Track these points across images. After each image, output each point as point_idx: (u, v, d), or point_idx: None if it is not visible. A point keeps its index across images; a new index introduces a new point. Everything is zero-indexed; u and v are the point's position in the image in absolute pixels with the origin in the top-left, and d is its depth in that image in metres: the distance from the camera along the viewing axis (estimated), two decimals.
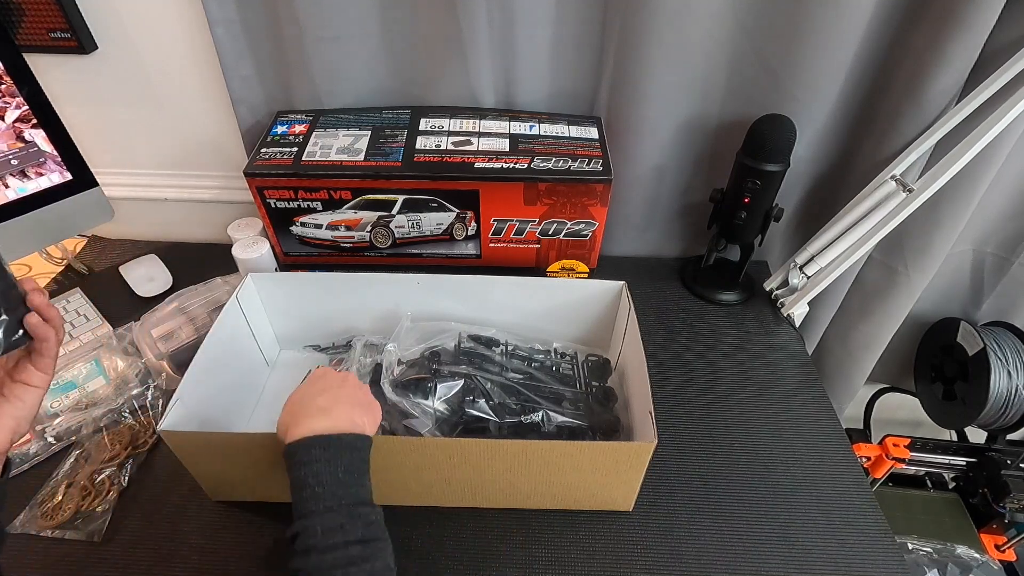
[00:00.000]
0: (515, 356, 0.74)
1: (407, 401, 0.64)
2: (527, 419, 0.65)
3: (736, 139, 0.80)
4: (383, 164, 0.79)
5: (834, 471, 0.70)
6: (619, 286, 0.74)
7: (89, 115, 0.89)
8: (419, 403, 0.64)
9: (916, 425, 1.22)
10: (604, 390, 0.72)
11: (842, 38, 0.72)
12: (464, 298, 0.75)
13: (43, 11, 0.76)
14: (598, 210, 0.83)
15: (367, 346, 0.75)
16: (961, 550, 0.96)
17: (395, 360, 0.69)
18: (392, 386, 0.65)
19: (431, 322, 0.75)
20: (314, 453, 0.48)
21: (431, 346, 0.73)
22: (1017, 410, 0.94)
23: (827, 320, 1.01)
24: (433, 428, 0.63)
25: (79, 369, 0.74)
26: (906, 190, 0.76)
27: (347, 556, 0.44)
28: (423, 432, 0.63)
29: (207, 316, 0.78)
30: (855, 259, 0.81)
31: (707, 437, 0.73)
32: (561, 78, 0.84)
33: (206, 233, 0.99)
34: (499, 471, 0.60)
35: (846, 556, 0.62)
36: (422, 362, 0.71)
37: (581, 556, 0.62)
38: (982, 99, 0.72)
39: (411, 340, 0.73)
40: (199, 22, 0.77)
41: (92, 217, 0.85)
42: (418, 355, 0.72)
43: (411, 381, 0.67)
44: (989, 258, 0.96)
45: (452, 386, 0.66)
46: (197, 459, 0.60)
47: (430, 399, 0.64)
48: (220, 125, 0.89)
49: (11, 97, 0.72)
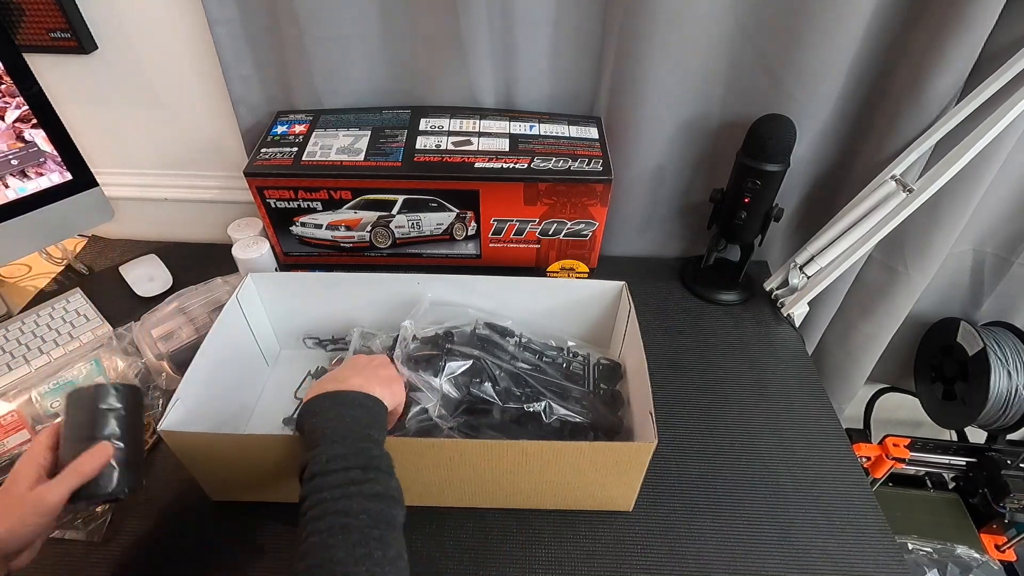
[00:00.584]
0: (528, 349, 0.75)
1: (416, 376, 0.65)
2: (530, 407, 0.66)
3: (736, 139, 0.80)
4: (383, 164, 0.79)
5: (834, 471, 0.70)
6: (619, 286, 0.74)
7: (89, 115, 0.89)
8: (428, 380, 0.65)
9: (916, 425, 1.22)
10: (612, 393, 0.72)
11: (842, 38, 0.72)
12: (464, 298, 0.75)
13: (43, 11, 0.76)
14: (598, 210, 0.83)
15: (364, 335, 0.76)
16: (961, 550, 0.96)
17: (410, 336, 0.70)
18: (404, 359, 0.66)
19: (450, 306, 0.75)
20: (323, 404, 0.51)
21: (447, 327, 0.74)
22: (1017, 410, 0.94)
23: (827, 320, 1.01)
24: (438, 404, 0.64)
25: (79, 369, 0.74)
26: (906, 190, 0.76)
27: (347, 478, 0.45)
28: (428, 407, 0.64)
29: (207, 316, 0.78)
30: (855, 259, 0.81)
31: (707, 437, 0.73)
32: (561, 78, 0.84)
33: (206, 233, 0.99)
34: (499, 471, 0.60)
35: (846, 556, 0.62)
36: (436, 340, 0.71)
37: (581, 556, 0.62)
38: (982, 99, 0.72)
39: (428, 320, 0.74)
40: (199, 22, 0.77)
41: (92, 217, 0.85)
42: (432, 333, 0.72)
43: (423, 356, 0.68)
44: (989, 258, 0.96)
45: (461, 365, 0.67)
46: (197, 459, 0.60)
47: (439, 376, 0.65)
48: (220, 125, 0.89)
49: (11, 97, 0.72)
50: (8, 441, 0.68)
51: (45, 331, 0.80)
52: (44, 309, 0.82)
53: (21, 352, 0.77)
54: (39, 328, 0.80)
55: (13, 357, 0.76)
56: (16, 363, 0.76)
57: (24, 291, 0.93)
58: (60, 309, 0.83)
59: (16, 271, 0.97)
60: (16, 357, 0.76)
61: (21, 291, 0.93)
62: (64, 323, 0.81)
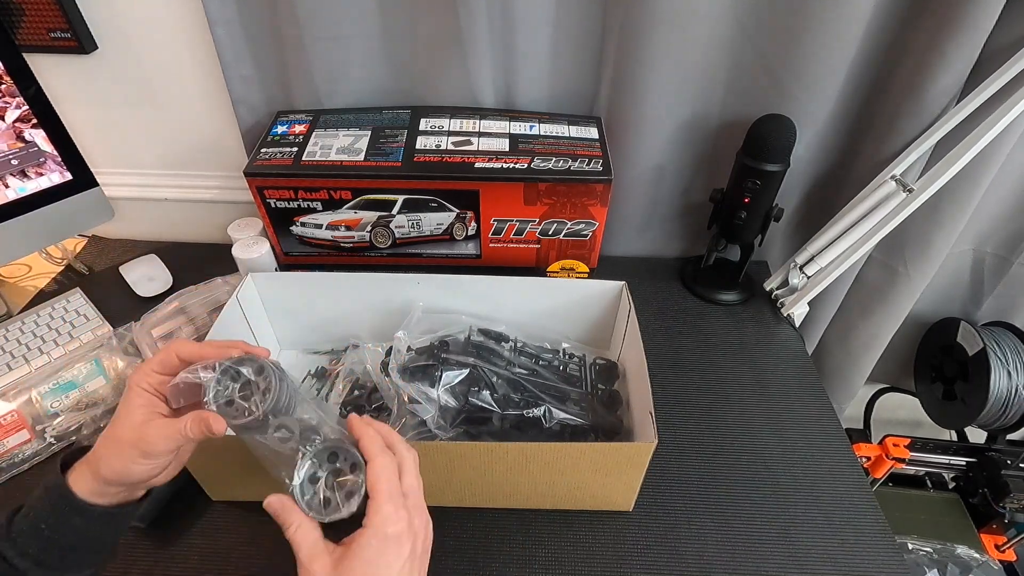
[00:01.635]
0: (523, 353, 0.75)
1: (413, 387, 0.64)
2: (529, 413, 0.66)
3: (736, 139, 0.80)
4: (383, 164, 0.79)
5: (834, 471, 0.70)
6: (619, 286, 0.74)
7: (89, 115, 0.89)
8: (425, 391, 0.64)
9: (916, 425, 1.22)
10: (610, 393, 0.72)
11: (842, 38, 0.72)
12: (463, 298, 0.75)
13: (43, 11, 0.76)
14: (598, 210, 0.83)
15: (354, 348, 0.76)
16: (961, 550, 0.96)
17: (404, 347, 0.70)
18: (399, 371, 0.66)
19: (443, 314, 0.75)
20: None
21: (441, 336, 0.73)
22: (1017, 410, 0.94)
23: (827, 320, 1.01)
24: (437, 415, 0.64)
25: (79, 369, 0.74)
26: (906, 190, 0.76)
27: None
28: (426, 419, 0.63)
29: (207, 316, 0.78)
30: (855, 259, 0.81)
31: (707, 437, 0.73)
32: (561, 78, 0.84)
33: (206, 233, 0.99)
34: (500, 472, 0.60)
35: (846, 556, 0.62)
36: (431, 350, 0.71)
37: (581, 556, 0.62)
38: (982, 99, 0.72)
39: (421, 329, 0.73)
40: (199, 22, 0.77)
41: (92, 217, 0.86)
42: (427, 343, 0.72)
43: (418, 368, 0.68)
44: (989, 258, 0.96)
45: (457, 375, 0.67)
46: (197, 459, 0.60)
47: (436, 387, 0.65)
48: (220, 125, 0.89)
49: (11, 97, 0.72)
50: (8, 441, 0.68)
51: (45, 331, 0.80)
52: (44, 309, 0.82)
53: (21, 352, 0.77)
54: (39, 328, 0.80)
55: (13, 357, 0.76)
56: (16, 363, 0.76)
57: (24, 291, 0.93)
58: (60, 309, 0.83)
59: (16, 271, 0.97)
60: (16, 357, 0.76)
61: (21, 291, 0.93)
62: (64, 323, 0.81)
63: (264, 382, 0.45)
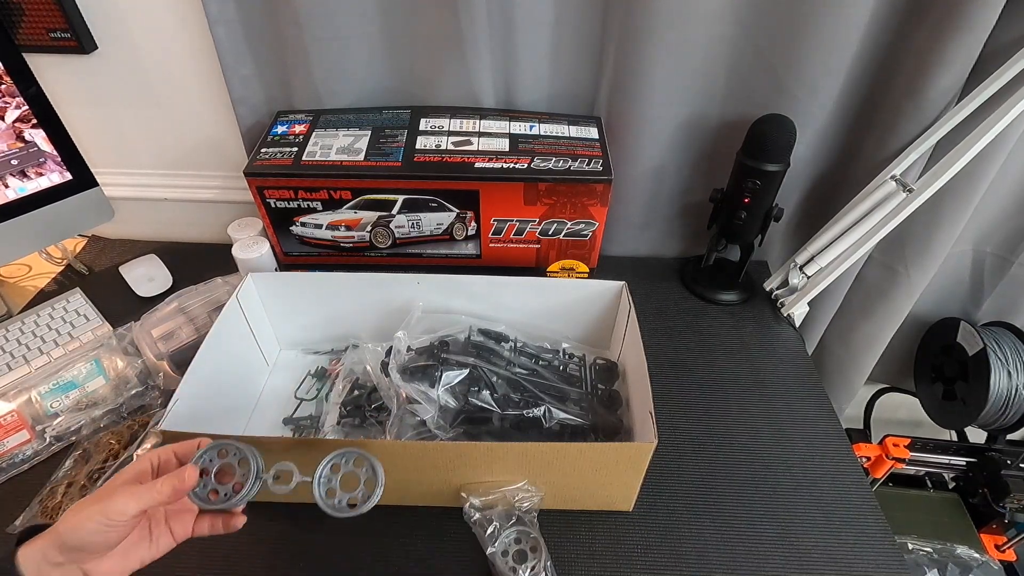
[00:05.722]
0: (523, 353, 0.75)
1: (413, 387, 0.64)
2: (529, 413, 0.66)
3: (736, 139, 0.80)
4: (383, 164, 0.79)
5: (834, 471, 0.70)
6: (619, 286, 0.74)
7: (89, 115, 0.89)
8: (425, 391, 0.64)
9: (916, 425, 1.22)
10: (610, 393, 0.72)
11: (842, 38, 0.72)
12: (463, 298, 0.75)
13: (43, 11, 0.76)
14: (598, 210, 0.83)
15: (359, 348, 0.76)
16: (961, 550, 0.96)
17: (404, 347, 0.70)
18: (399, 371, 0.66)
19: (442, 314, 0.75)
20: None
21: (441, 336, 0.73)
22: (1017, 410, 0.94)
23: (827, 320, 1.01)
24: (436, 415, 0.64)
25: (79, 369, 0.74)
26: (906, 190, 0.76)
27: None
28: (426, 419, 0.63)
29: (207, 316, 0.78)
30: (855, 259, 0.81)
31: (707, 437, 0.73)
32: (561, 78, 0.84)
33: (206, 233, 0.99)
34: (500, 472, 0.60)
35: (846, 556, 0.62)
36: (431, 350, 0.71)
37: (581, 556, 0.62)
38: (982, 99, 0.72)
39: (421, 329, 0.73)
40: (199, 22, 0.77)
41: (92, 217, 0.86)
42: (427, 343, 0.72)
43: (418, 368, 0.68)
44: (989, 258, 0.96)
45: (457, 375, 0.67)
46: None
47: (435, 387, 0.65)
48: (220, 125, 0.89)
49: (11, 97, 0.72)
50: (8, 441, 0.68)
51: (45, 331, 0.80)
52: (44, 309, 0.82)
53: (21, 352, 0.77)
54: (39, 328, 0.80)
55: (13, 357, 0.76)
56: (16, 363, 0.76)
57: (24, 291, 0.93)
58: (60, 309, 0.83)
59: (16, 271, 0.97)
60: (16, 357, 0.76)
61: (21, 291, 0.93)
62: (64, 323, 0.81)
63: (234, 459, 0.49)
